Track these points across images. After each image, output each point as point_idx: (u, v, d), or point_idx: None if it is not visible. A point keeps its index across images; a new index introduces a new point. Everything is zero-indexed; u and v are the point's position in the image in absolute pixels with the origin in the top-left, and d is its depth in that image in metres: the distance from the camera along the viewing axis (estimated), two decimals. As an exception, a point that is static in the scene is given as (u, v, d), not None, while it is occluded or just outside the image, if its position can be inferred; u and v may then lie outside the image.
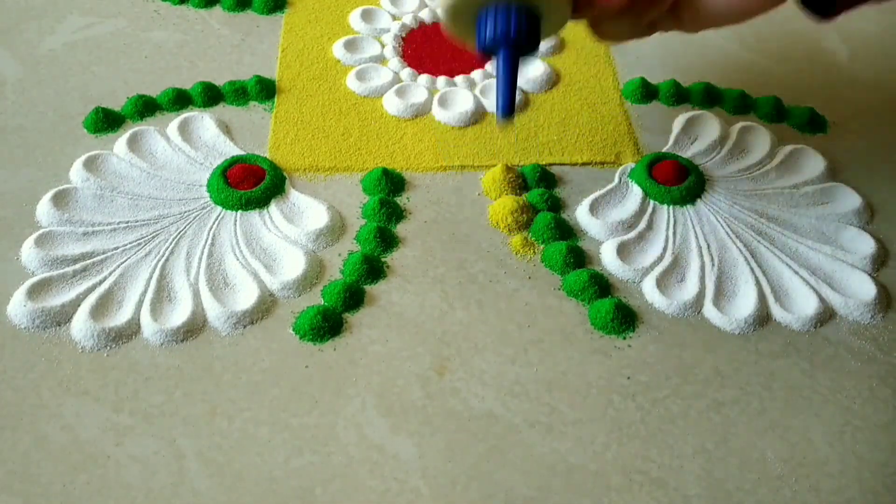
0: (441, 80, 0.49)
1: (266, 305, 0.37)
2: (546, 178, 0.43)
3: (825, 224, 0.41)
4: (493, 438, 0.33)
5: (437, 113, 0.47)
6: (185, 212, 0.41)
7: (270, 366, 0.35)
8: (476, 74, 0.49)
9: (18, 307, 0.36)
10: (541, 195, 0.42)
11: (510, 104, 0.35)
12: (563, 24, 0.35)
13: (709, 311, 0.38)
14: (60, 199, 0.41)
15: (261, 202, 0.41)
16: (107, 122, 0.45)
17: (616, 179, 0.43)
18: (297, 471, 0.32)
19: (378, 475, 0.32)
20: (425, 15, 0.54)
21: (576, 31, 0.52)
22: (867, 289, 0.38)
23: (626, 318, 0.37)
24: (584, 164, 0.44)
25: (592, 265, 0.40)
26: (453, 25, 0.36)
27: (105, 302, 0.37)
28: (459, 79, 0.49)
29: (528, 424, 0.34)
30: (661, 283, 0.38)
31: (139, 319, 0.36)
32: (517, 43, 0.34)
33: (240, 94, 0.47)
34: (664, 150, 0.45)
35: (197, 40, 0.51)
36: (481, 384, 0.35)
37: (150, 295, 0.37)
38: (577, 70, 0.50)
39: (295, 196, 0.42)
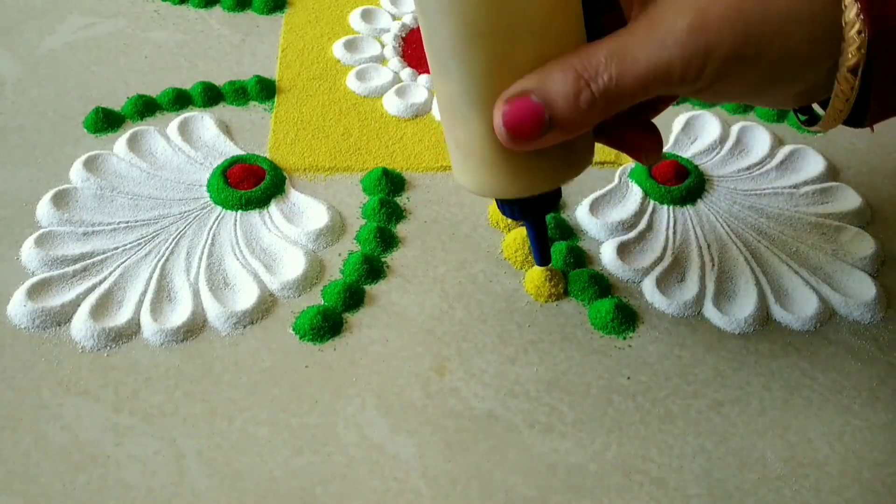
0: (441, 80, 0.49)
1: (266, 305, 0.37)
2: (546, 178, 0.43)
3: (825, 224, 0.41)
4: (493, 438, 0.33)
5: (438, 113, 0.47)
6: (185, 212, 0.41)
7: (270, 366, 0.35)
8: (476, 74, 0.49)
9: (18, 307, 0.36)
10: (541, 195, 0.42)
11: (545, 256, 0.35)
12: (589, 162, 0.32)
13: (709, 311, 0.38)
14: (60, 199, 0.41)
15: (261, 202, 0.41)
16: (107, 122, 0.45)
17: (616, 179, 0.43)
18: (297, 471, 0.32)
19: (378, 475, 0.32)
20: (425, 15, 0.54)
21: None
22: (867, 289, 0.38)
23: (626, 318, 0.37)
24: (584, 164, 0.44)
25: (592, 265, 0.40)
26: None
27: (105, 302, 0.37)
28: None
29: (528, 424, 0.34)
30: (661, 283, 0.38)
31: (139, 319, 0.36)
32: (539, 212, 0.33)
33: (240, 94, 0.47)
34: (664, 149, 0.45)
35: (197, 40, 0.51)
36: (481, 384, 0.35)
37: (150, 295, 0.37)
38: (577, 70, 0.50)
39: (295, 196, 0.42)
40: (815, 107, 0.31)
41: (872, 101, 0.28)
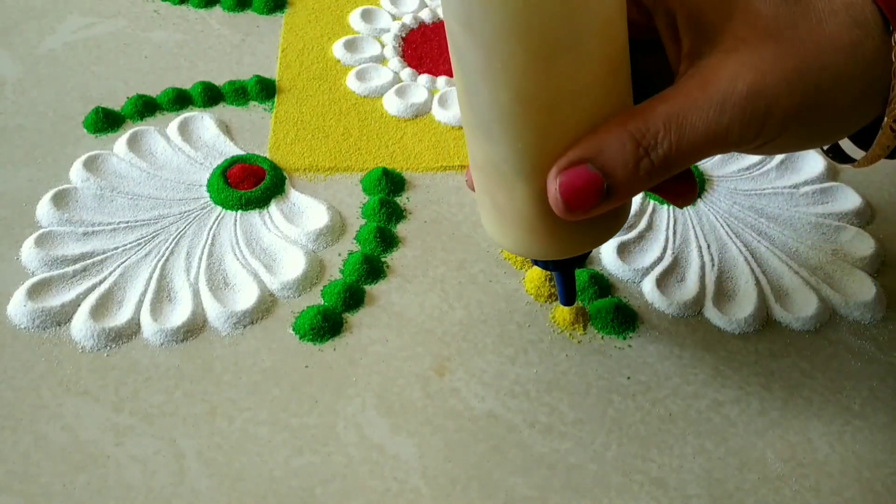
0: (441, 79, 0.49)
1: (266, 305, 0.37)
2: (546, 178, 0.43)
3: (825, 224, 0.41)
4: (493, 438, 0.33)
5: (437, 113, 0.47)
6: (185, 212, 0.41)
7: (270, 366, 0.35)
8: (476, 74, 0.49)
9: (19, 307, 0.36)
10: (541, 195, 0.42)
11: (571, 298, 0.35)
12: (627, 218, 0.31)
13: (709, 311, 0.38)
14: (60, 199, 0.41)
15: (261, 202, 0.41)
16: (107, 122, 0.45)
17: (616, 179, 0.43)
18: (297, 471, 0.32)
19: (378, 475, 0.32)
20: (425, 15, 0.54)
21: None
22: (867, 289, 0.38)
23: (626, 318, 0.37)
24: (584, 164, 0.44)
25: (592, 265, 0.40)
26: None
27: (105, 302, 0.37)
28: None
29: (528, 424, 0.34)
30: (661, 283, 0.38)
31: (139, 319, 0.36)
32: (574, 266, 0.33)
33: (240, 94, 0.47)
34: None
35: (197, 40, 0.51)
36: (481, 384, 0.35)
37: (150, 295, 0.37)
38: (577, 70, 0.50)
39: (295, 196, 0.42)
40: (841, 143, 0.31)
41: None
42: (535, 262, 0.34)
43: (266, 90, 0.48)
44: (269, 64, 0.50)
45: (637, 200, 0.42)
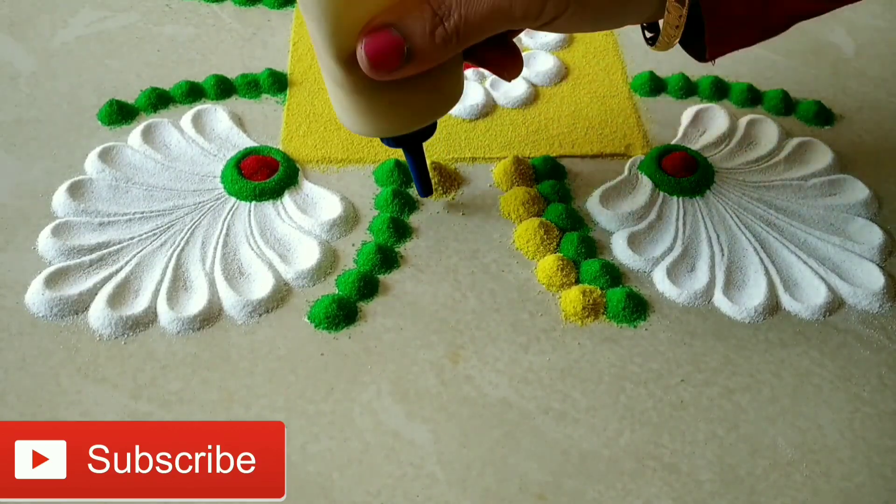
0: (451, 73, 0.49)
1: (281, 294, 0.38)
2: (556, 169, 0.44)
3: (833, 215, 0.42)
4: (507, 425, 0.34)
5: (448, 106, 0.47)
6: (200, 202, 0.41)
7: (286, 353, 0.36)
8: (486, 68, 0.49)
9: (36, 296, 0.37)
10: (552, 186, 0.42)
11: (426, 187, 0.40)
12: (457, 99, 0.35)
13: (719, 300, 0.38)
14: (76, 190, 0.41)
15: (274, 193, 0.42)
16: (121, 114, 0.45)
17: (626, 171, 0.44)
18: (314, 456, 0.32)
19: (394, 460, 0.32)
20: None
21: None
22: (875, 278, 0.39)
23: (637, 307, 0.37)
24: (594, 155, 0.45)
25: (604, 255, 0.40)
26: None
27: (122, 291, 0.37)
28: (469, 72, 0.49)
29: (542, 411, 0.34)
30: (672, 272, 0.39)
31: (156, 308, 0.37)
32: (415, 142, 0.37)
33: (252, 86, 0.48)
34: (673, 142, 0.46)
35: (209, 34, 0.52)
36: (495, 371, 0.35)
37: (166, 284, 0.37)
38: (586, 63, 0.50)
39: (308, 187, 0.42)
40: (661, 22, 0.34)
41: (707, 34, 0.32)
42: (385, 141, 0.37)
43: (278, 83, 0.48)
44: (280, 57, 0.50)
45: (647, 192, 0.42)
